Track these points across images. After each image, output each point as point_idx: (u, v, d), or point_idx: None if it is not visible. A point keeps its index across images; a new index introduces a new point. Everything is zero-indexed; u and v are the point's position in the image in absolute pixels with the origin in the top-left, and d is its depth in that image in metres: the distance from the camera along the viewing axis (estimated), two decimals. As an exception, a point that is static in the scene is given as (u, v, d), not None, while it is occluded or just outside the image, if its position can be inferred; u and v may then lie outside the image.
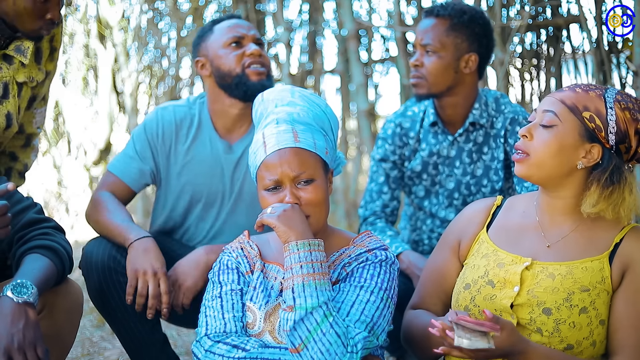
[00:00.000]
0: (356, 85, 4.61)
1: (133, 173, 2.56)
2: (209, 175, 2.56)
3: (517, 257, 1.90)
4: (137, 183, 2.57)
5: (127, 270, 2.25)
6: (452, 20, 2.57)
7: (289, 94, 1.93)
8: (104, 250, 2.32)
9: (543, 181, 1.88)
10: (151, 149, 2.56)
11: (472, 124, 2.64)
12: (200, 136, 2.57)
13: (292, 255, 1.77)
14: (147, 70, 6.25)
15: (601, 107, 1.82)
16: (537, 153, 1.84)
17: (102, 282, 2.29)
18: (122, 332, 2.35)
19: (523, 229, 1.95)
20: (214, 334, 1.84)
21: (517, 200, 2.03)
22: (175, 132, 2.57)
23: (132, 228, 2.33)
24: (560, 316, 1.79)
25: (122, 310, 2.30)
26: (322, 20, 5.14)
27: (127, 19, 6.32)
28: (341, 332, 1.71)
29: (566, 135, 1.82)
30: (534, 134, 1.85)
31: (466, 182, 2.67)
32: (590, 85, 1.87)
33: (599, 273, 1.83)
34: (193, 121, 2.59)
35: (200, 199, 2.59)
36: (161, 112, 2.60)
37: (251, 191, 2.57)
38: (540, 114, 1.87)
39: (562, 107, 1.84)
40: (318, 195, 1.85)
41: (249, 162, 1.93)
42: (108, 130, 6.47)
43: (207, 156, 2.56)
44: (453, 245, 2.04)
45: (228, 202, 2.58)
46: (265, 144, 1.86)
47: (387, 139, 2.71)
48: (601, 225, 1.88)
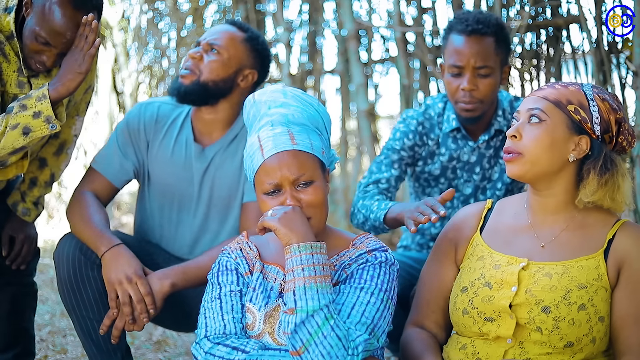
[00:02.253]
0: (356, 86, 4.61)
1: (115, 169, 2.51)
2: (180, 177, 2.52)
3: (513, 258, 1.90)
4: (119, 179, 2.52)
5: (105, 284, 2.21)
6: (497, 36, 2.49)
7: (281, 95, 1.91)
8: (76, 243, 2.30)
9: (536, 179, 1.89)
10: (132, 143, 2.53)
11: (497, 131, 2.61)
12: (180, 136, 2.54)
13: (293, 257, 1.76)
14: (147, 71, 6.24)
15: (583, 99, 1.86)
16: (529, 150, 1.86)
17: (71, 274, 2.27)
18: (85, 331, 2.30)
19: (515, 231, 1.96)
20: (213, 336, 1.84)
21: (507, 203, 2.04)
22: (154, 127, 2.53)
23: (102, 239, 2.27)
24: (560, 314, 1.80)
25: (88, 308, 2.27)
26: (322, 20, 5.13)
27: (127, 19, 6.31)
28: (342, 334, 1.71)
29: (555, 129, 1.85)
30: (523, 133, 1.87)
31: (483, 186, 2.66)
32: (568, 82, 1.92)
33: (595, 270, 1.84)
34: (177, 120, 2.55)
35: (173, 200, 2.54)
36: (145, 106, 2.56)
37: (222, 196, 2.52)
38: (525, 113, 1.89)
39: (546, 103, 1.87)
40: (318, 196, 1.84)
41: (245, 165, 1.92)
42: (108, 130, 6.47)
43: (182, 158, 2.52)
44: (449, 252, 2.04)
45: (200, 207, 2.54)
46: (262, 147, 1.84)
47: (407, 134, 2.62)
48: (592, 221, 1.90)
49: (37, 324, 3.36)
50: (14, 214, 2.58)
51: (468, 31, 2.48)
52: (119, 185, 2.53)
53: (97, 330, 2.28)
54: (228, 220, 2.54)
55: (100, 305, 2.28)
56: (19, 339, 2.69)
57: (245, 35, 2.51)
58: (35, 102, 2.19)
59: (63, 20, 2.20)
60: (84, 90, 2.52)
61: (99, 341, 2.30)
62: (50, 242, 5.38)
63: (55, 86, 2.21)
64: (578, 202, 1.89)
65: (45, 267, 4.77)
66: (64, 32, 2.21)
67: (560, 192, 1.90)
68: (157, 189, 2.55)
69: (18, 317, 2.68)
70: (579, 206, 1.90)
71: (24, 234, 2.58)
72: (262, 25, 5.40)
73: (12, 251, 2.57)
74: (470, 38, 2.48)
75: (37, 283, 2.78)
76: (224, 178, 2.51)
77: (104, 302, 2.27)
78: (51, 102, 2.20)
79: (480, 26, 2.47)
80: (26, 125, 2.19)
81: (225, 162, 2.50)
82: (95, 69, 2.52)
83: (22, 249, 2.58)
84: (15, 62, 2.30)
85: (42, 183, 2.59)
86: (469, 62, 2.47)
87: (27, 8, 2.24)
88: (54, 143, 2.59)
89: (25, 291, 2.70)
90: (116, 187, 2.52)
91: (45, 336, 3.44)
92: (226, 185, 2.51)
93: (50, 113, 2.19)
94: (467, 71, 2.48)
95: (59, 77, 2.22)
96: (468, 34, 2.48)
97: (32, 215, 2.59)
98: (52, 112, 2.19)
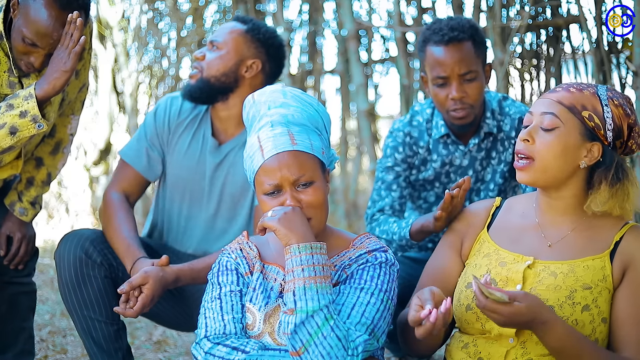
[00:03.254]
0: (356, 86, 4.61)
1: (144, 161, 2.55)
2: (193, 170, 2.56)
3: (519, 256, 1.90)
4: (150, 172, 2.56)
5: None
6: (474, 39, 2.48)
7: (280, 95, 1.91)
8: (77, 242, 2.31)
9: (547, 184, 1.88)
10: (158, 135, 2.57)
11: (486, 134, 2.61)
12: (198, 132, 2.58)
13: (293, 258, 1.76)
14: (147, 71, 6.24)
15: (597, 105, 1.84)
16: (541, 157, 1.84)
17: (72, 274, 2.28)
18: (86, 331, 2.31)
19: (523, 229, 1.96)
20: (213, 336, 1.84)
21: (515, 202, 2.04)
22: (176, 120, 2.58)
23: (128, 252, 2.30)
24: (563, 314, 1.79)
25: (90, 307, 2.28)
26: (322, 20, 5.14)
27: (127, 19, 6.31)
28: (342, 335, 1.71)
29: (569, 136, 1.83)
30: (536, 137, 1.85)
31: (477, 188, 2.66)
32: (582, 84, 1.89)
33: (600, 271, 1.83)
34: (198, 115, 2.59)
35: (185, 193, 2.57)
36: (171, 99, 2.62)
37: (232, 193, 2.55)
38: (538, 117, 1.86)
39: (561, 108, 1.84)
40: (318, 196, 1.84)
41: (245, 166, 1.91)
42: (108, 130, 6.46)
43: (197, 152, 2.56)
44: (455, 245, 2.04)
45: (211, 203, 2.56)
46: (262, 148, 1.84)
47: (397, 148, 2.63)
48: (600, 224, 1.90)
49: (37, 324, 3.36)
50: (12, 214, 2.58)
51: (445, 41, 2.47)
52: (152, 178, 2.57)
53: (98, 329, 2.29)
54: (237, 219, 2.56)
55: (102, 304, 2.29)
56: (18, 339, 2.69)
57: (245, 27, 2.54)
58: (22, 101, 2.19)
59: (49, 21, 2.19)
60: (78, 89, 2.52)
61: (100, 340, 2.30)
62: (50, 242, 5.38)
63: (41, 85, 2.21)
64: (587, 208, 1.88)
65: (45, 267, 4.77)
66: (51, 33, 2.20)
67: (570, 196, 1.89)
68: (171, 182, 2.59)
69: (17, 317, 2.68)
70: (587, 212, 1.89)
71: (21, 234, 2.58)
72: (262, 25, 5.39)
73: (9, 251, 2.57)
74: (449, 47, 2.47)
75: (37, 283, 2.78)
76: (237, 175, 2.54)
77: (105, 301, 2.28)
78: (38, 101, 2.19)
79: (456, 33, 2.47)
80: (13, 124, 2.18)
81: (239, 160, 2.52)
82: (88, 67, 2.52)
83: (19, 249, 2.58)
84: (6, 62, 2.30)
85: (39, 182, 2.59)
86: (453, 71, 2.47)
87: (15, 9, 2.23)
88: (49, 142, 2.59)
89: (24, 291, 2.70)
90: (147, 179, 2.56)
91: (45, 336, 3.44)
92: (238, 183, 2.54)
93: (37, 112, 2.18)
94: (453, 80, 2.47)
95: (46, 76, 2.22)
96: (446, 44, 2.47)
97: (29, 215, 2.59)
98: (39, 112, 2.18)
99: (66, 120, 2.57)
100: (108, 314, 2.30)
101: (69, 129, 2.60)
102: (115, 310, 2.18)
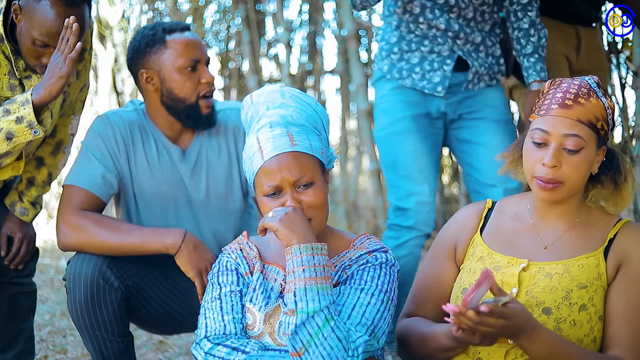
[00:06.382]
0: (356, 86, 4.61)
1: (99, 182, 2.37)
2: (171, 181, 2.46)
3: (513, 259, 1.89)
4: (106, 193, 2.38)
5: (189, 275, 2.21)
6: None
7: (279, 95, 1.90)
8: (94, 266, 2.22)
9: (568, 198, 1.88)
10: (111, 156, 2.41)
11: None
12: (155, 142, 2.46)
13: (294, 258, 1.76)
14: (147, 71, 6.24)
15: (604, 111, 1.84)
16: (571, 179, 1.82)
17: (88, 298, 2.21)
18: (97, 348, 2.27)
19: (517, 231, 1.95)
20: (213, 336, 1.84)
21: (508, 203, 2.03)
22: (130, 137, 2.44)
23: (158, 234, 2.24)
24: (561, 315, 1.79)
25: (102, 329, 2.23)
26: (322, 20, 5.15)
27: (127, 19, 6.31)
28: (342, 336, 1.71)
29: (590, 151, 1.83)
30: (562, 161, 1.81)
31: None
32: (581, 88, 1.84)
33: (595, 269, 1.84)
34: (144, 127, 2.47)
35: (169, 206, 2.47)
36: (111, 117, 2.46)
37: (218, 194, 2.49)
38: (560, 138, 1.81)
39: (582, 127, 1.81)
40: (319, 197, 1.84)
41: (244, 167, 1.91)
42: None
43: (167, 162, 2.46)
44: (449, 250, 2.02)
45: (198, 209, 2.49)
46: (262, 149, 1.83)
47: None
48: (595, 222, 1.90)
49: (37, 324, 3.36)
50: (12, 214, 2.58)
51: None
52: (106, 200, 2.40)
53: (109, 347, 2.26)
54: (228, 217, 2.52)
55: (114, 325, 2.24)
56: (18, 339, 2.69)
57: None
58: (18, 107, 2.18)
59: (57, 19, 2.18)
60: (79, 89, 2.52)
61: (110, 356, 2.28)
62: (50, 242, 5.38)
63: (38, 91, 2.18)
64: (589, 202, 1.90)
65: (45, 267, 4.77)
66: (61, 31, 2.20)
67: (572, 199, 1.90)
68: (150, 198, 2.46)
69: (17, 318, 2.67)
70: (582, 211, 1.90)
71: (22, 234, 2.58)
72: (262, 25, 5.41)
73: (10, 251, 2.57)
74: None
75: (37, 283, 2.77)
76: (218, 175, 2.48)
77: (118, 322, 2.24)
78: (35, 107, 2.17)
79: None
80: (9, 130, 2.17)
81: (212, 159, 2.47)
82: (89, 67, 2.51)
83: (20, 249, 2.58)
84: (6, 65, 2.29)
85: (40, 183, 2.59)
86: None
87: (17, 14, 2.22)
88: (50, 142, 2.59)
89: (25, 291, 2.70)
90: (104, 201, 2.38)
91: (45, 336, 3.44)
92: (221, 182, 2.48)
93: (33, 119, 2.16)
94: None
95: (42, 82, 2.19)
96: None
97: (30, 215, 2.59)
98: (35, 118, 2.16)
99: (67, 120, 2.57)
100: (120, 332, 2.26)
101: (69, 129, 2.59)
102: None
